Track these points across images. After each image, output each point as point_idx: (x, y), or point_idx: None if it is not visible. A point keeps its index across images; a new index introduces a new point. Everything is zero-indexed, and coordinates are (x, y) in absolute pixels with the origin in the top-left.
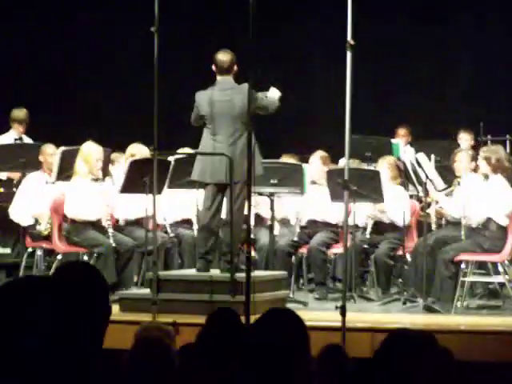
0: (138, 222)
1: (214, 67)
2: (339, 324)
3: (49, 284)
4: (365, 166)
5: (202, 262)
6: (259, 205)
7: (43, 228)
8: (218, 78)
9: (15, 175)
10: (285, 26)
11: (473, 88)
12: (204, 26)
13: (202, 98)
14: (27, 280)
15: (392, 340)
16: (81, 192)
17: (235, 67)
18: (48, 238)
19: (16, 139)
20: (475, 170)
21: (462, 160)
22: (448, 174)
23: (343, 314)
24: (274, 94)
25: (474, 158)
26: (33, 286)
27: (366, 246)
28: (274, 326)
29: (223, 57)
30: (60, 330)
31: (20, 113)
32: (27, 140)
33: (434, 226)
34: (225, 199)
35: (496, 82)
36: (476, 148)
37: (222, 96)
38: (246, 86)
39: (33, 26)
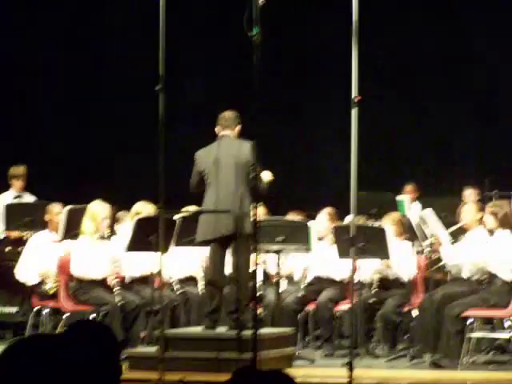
0: (145, 280)
1: (217, 127)
2: (346, 380)
3: (59, 342)
4: (371, 223)
5: (208, 320)
6: (266, 262)
7: (49, 287)
8: (221, 133)
9: (14, 234)
10: (290, 83)
11: (478, 145)
12: (213, 89)
13: (203, 154)
14: (36, 339)
15: None
16: (87, 251)
17: (239, 126)
18: (54, 296)
19: (15, 197)
20: (481, 220)
21: (468, 211)
22: (454, 232)
23: (350, 370)
24: (265, 176)
25: (481, 209)
26: (42, 345)
27: (372, 301)
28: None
29: (227, 113)
30: None
31: (18, 169)
32: (28, 197)
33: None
34: (229, 254)
35: (503, 136)
36: (481, 203)
37: (223, 150)
38: (248, 143)
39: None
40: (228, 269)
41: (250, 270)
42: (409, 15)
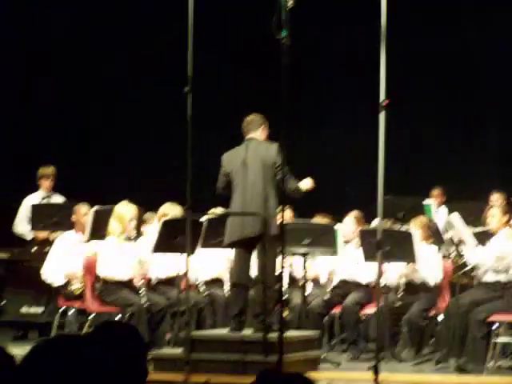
0: (171, 281)
1: (243, 129)
2: None
3: (85, 343)
4: (397, 227)
5: (234, 322)
6: (292, 265)
7: (75, 288)
8: (248, 136)
9: (41, 235)
10: (317, 87)
11: (505, 148)
12: (238, 88)
13: (230, 156)
14: (62, 339)
15: None
16: (114, 252)
17: (265, 129)
18: (80, 297)
19: (44, 197)
20: (507, 223)
21: (495, 214)
22: (480, 235)
23: (376, 374)
24: (305, 184)
25: (507, 212)
26: (68, 345)
27: (398, 305)
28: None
29: (250, 117)
30: None
31: (47, 169)
32: (56, 197)
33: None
34: (254, 256)
35: None
36: (509, 207)
37: (250, 151)
38: (275, 145)
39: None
40: (254, 271)
41: (276, 273)
42: (434, 16)
